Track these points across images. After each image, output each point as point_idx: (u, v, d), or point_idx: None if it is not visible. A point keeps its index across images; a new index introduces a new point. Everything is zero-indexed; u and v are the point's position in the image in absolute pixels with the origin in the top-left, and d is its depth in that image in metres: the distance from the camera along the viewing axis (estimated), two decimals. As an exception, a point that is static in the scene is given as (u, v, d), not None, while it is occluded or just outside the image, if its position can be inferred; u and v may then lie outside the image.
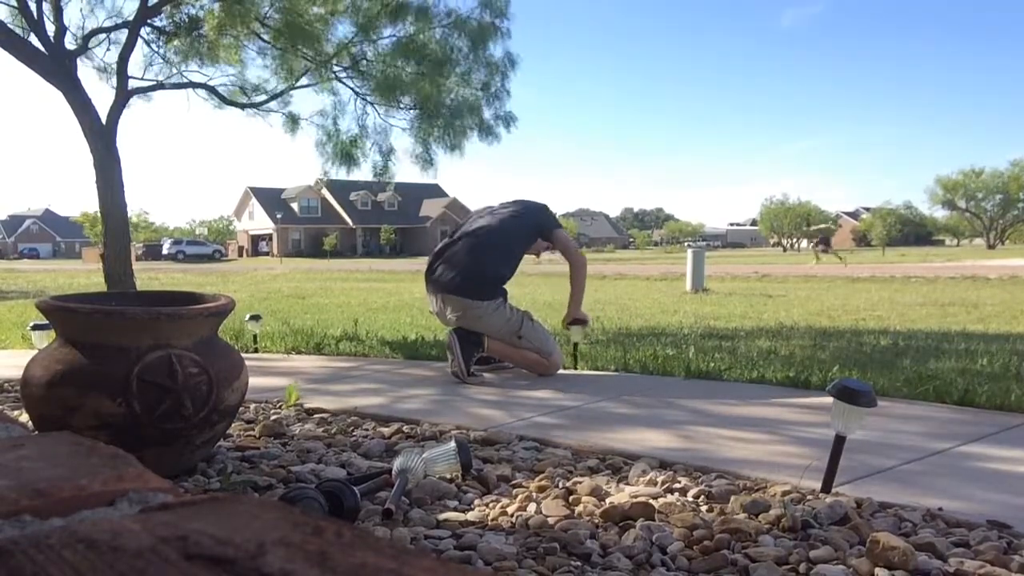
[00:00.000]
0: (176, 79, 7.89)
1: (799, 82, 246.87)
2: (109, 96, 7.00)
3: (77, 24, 7.63)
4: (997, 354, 3.84)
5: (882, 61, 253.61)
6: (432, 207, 58.82)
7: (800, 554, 1.35)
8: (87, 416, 1.68)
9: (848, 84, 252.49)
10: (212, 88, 7.91)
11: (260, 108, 8.19)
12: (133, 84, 7.23)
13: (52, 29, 6.70)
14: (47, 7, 6.73)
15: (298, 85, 8.00)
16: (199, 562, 0.36)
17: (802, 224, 60.02)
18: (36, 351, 1.96)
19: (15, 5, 6.65)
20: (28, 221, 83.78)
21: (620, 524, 1.52)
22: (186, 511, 0.44)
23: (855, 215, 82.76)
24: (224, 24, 6.98)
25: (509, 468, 1.92)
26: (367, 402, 2.81)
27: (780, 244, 67.85)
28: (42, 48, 6.54)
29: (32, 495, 0.46)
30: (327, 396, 2.93)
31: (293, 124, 8.22)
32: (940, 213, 66.34)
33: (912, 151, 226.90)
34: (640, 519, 1.51)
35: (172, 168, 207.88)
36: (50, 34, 6.65)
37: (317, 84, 7.86)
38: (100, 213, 6.79)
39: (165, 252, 48.96)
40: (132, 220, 15.94)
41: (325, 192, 57.52)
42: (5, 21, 6.63)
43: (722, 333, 5.30)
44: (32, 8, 6.59)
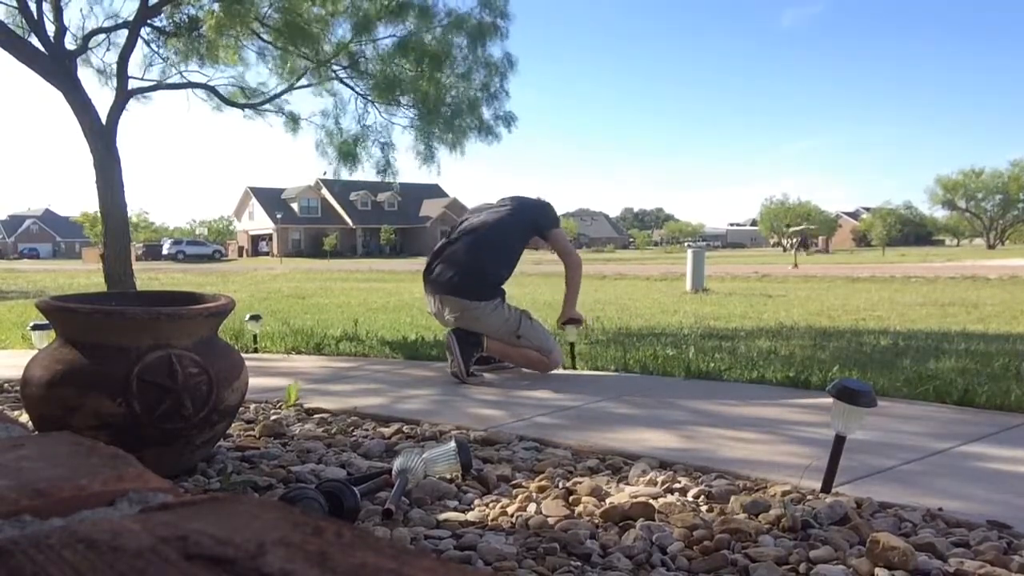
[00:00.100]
0: (176, 79, 7.90)
1: (799, 82, 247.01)
2: (109, 96, 7.02)
3: (77, 24, 7.67)
4: (997, 355, 3.84)
5: (882, 61, 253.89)
6: (432, 207, 58.81)
7: (800, 554, 1.35)
8: (87, 416, 1.68)
9: (848, 84, 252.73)
10: (212, 88, 7.92)
11: (259, 108, 8.20)
12: (133, 84, 7.25)
13: (52, 29, 6.70)
14: (47, 7, 6.73)
15: (298, 85, 8.01)
16: (199, 562, 0.36)
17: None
18: (36, 351, 1.96)
19: (15, 5, 6.66)
20: (28, 221, 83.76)
21: (620, 524, 1.52)
22: (186, 511, 0.44)
23: (855, 215, 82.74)
24: (224, 24, 6.99)
25: (509, 468, 1.91)
26: (367, 402, 2.81)
27: (780, 244, 67.82)
28: (42, 48, 6.54)
29: (32, 495, 0.46)
30: (327, 396, 2.93)
31: (294, 124, 8.23)
32: (940, 213, 66.52)
33: (912, 151, 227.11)
34: (640, 519, 1.51)
35: (172, 168, 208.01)
36: (50, 34, 6.66)
37: (317, 84, 7.87)
38: (100, 213, 6.80)
39: (165, 252, 48.99)
40: (132, 220, 15.95)
41: (325, 192, 57.52)
42: (5, 21, 6.64)
43: (722, 333, 5.29)
44: (32, 8, 6.59)
